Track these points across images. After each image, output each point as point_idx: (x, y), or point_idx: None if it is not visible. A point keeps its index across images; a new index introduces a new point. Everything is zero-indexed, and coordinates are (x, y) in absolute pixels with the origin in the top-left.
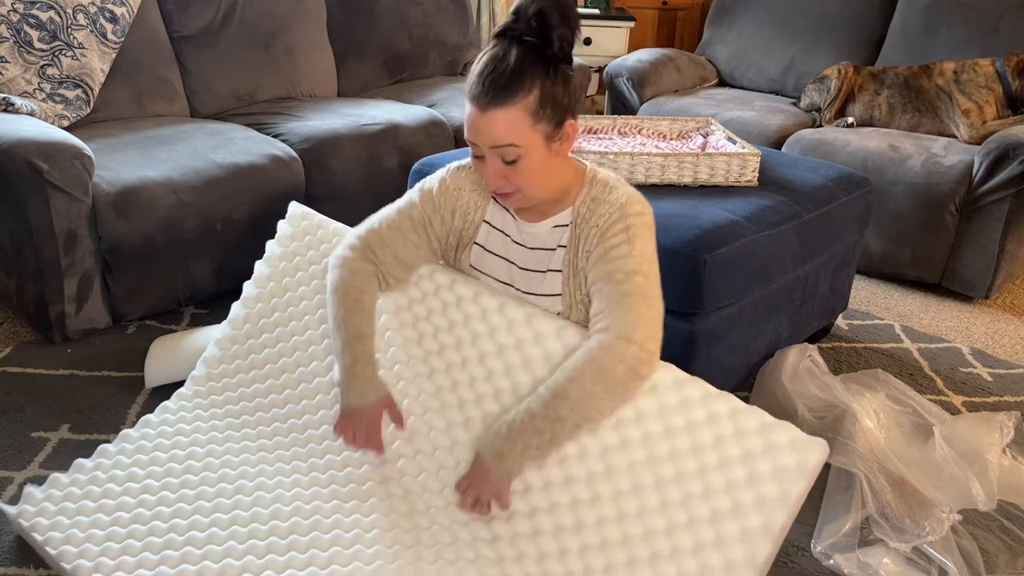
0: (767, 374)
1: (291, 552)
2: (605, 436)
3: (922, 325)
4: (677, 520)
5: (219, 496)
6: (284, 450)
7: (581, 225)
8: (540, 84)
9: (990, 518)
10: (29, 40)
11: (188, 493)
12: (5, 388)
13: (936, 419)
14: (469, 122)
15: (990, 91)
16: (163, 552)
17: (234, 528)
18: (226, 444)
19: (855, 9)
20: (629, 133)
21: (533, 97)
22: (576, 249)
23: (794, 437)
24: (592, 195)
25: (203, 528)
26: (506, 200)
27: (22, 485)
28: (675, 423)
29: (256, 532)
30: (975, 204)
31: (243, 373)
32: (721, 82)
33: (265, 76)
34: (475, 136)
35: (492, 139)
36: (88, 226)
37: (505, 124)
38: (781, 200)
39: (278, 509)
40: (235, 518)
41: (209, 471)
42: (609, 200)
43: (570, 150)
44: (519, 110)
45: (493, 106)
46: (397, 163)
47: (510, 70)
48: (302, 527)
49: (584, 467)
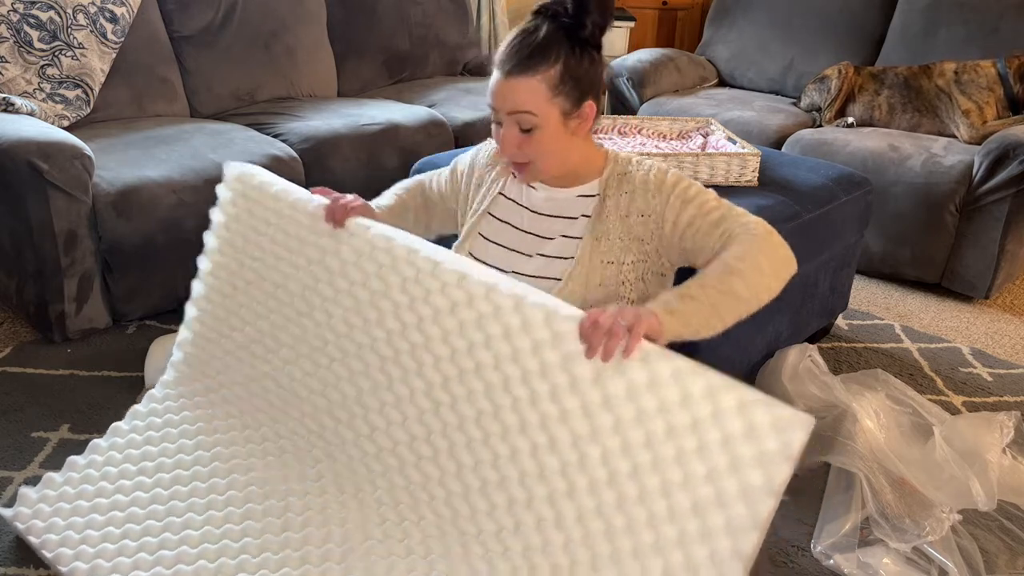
0: (767, 374)
1: (286, 550)
2: (576, 425)
3: (922, 325)
4: (658, 510)
5: (212, 492)
6: (272, 442)
7: (613, 195)
8: (564, 60)
9: (990, 518)
10: (29, 40)
11: (181, 489)
12: (5, 388)
13: (936, 419)
14: (492, 87)
15: (991, 92)
16: (159, 552)
17: (227, 527)
18: (215, 436)
19: (855, 9)
20: (629, 133)
21: (555, 71)
22: (606, 214)
23: (776, 416)
24: (619, 170)
25: (198, 527)
26: (519, 171)
27: (22, 485)
28: (647, 406)
29: (249, 529)
30: (975, 204)
31: (217, 359)
32: (721, 82)
33: (265, 76)
34: (495, 101)
35: (511, 105)
36: (88, 226)
37: (525, 92)
38: (781, 200)
39: (271, 505)
40: (228, 515)
41: (200, 464)
42: (642, 169)
43: (588, 129)
44: (540, 80)
45: (515, 73)
46: (397, 163)
47: (538, 42)
48: (295, 522)
49: (558, 458)
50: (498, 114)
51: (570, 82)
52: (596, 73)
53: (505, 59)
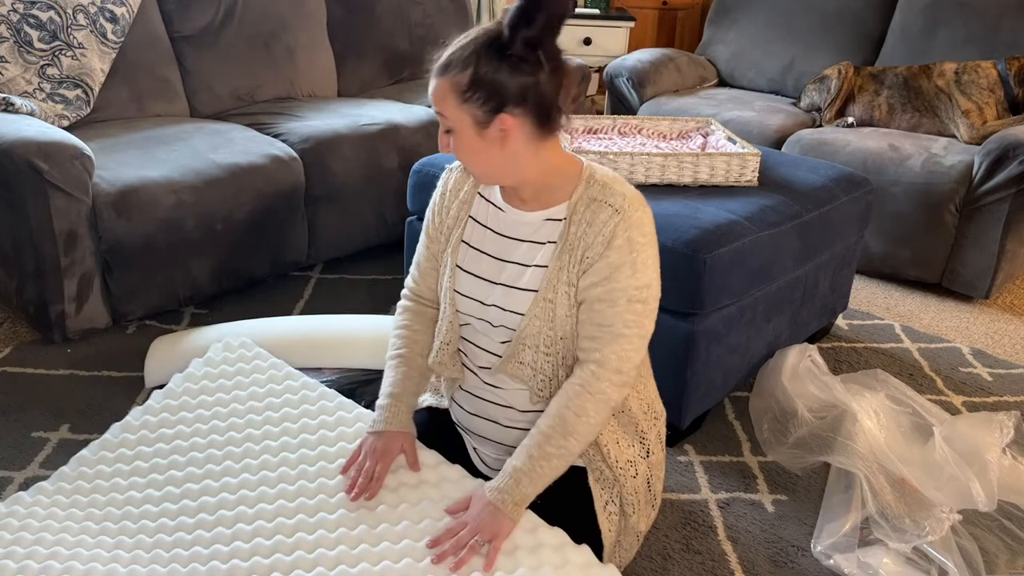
0: (767, 374)
1: (276, 554)
2: None
3: (922, 325)
4: None
5: (204, 493)
6: (269, 453)
7: (578, 223)
8: (477, 67)
9: (990, 518)
10: (29, 40)
11: (174, 491)
12: (5, 388)
13: (936, 419)
14: None
15: (991, 94)
16: (150, 567)
17: (219, 529)
18: (208, 451)
19: (855, 9)
20: (629, 133)
21: (465, 76)
22: (570, 247)
23: None
24: (590, 195)
25: (187, 546)
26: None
27: (22, 485)
28: None
29: (240, 533)
30: (975, 204)
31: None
32: (721, 82)
33: (265, 76)
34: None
35: (434, 102)
36: (88, 226)
37: (438, 93)
38: (781, 200)
39: (262, 509)
40: (220, 518)
41: (194, 465)
42: (610, 203)
43: (515, 146)
44: (448, 84)
45: (435, 73)
46: (397, 163)
47: (460, 46)
48: (286, 527)
49: None
50: None
51: (482, 90)
52: (519, 84)
53: (437, 58)
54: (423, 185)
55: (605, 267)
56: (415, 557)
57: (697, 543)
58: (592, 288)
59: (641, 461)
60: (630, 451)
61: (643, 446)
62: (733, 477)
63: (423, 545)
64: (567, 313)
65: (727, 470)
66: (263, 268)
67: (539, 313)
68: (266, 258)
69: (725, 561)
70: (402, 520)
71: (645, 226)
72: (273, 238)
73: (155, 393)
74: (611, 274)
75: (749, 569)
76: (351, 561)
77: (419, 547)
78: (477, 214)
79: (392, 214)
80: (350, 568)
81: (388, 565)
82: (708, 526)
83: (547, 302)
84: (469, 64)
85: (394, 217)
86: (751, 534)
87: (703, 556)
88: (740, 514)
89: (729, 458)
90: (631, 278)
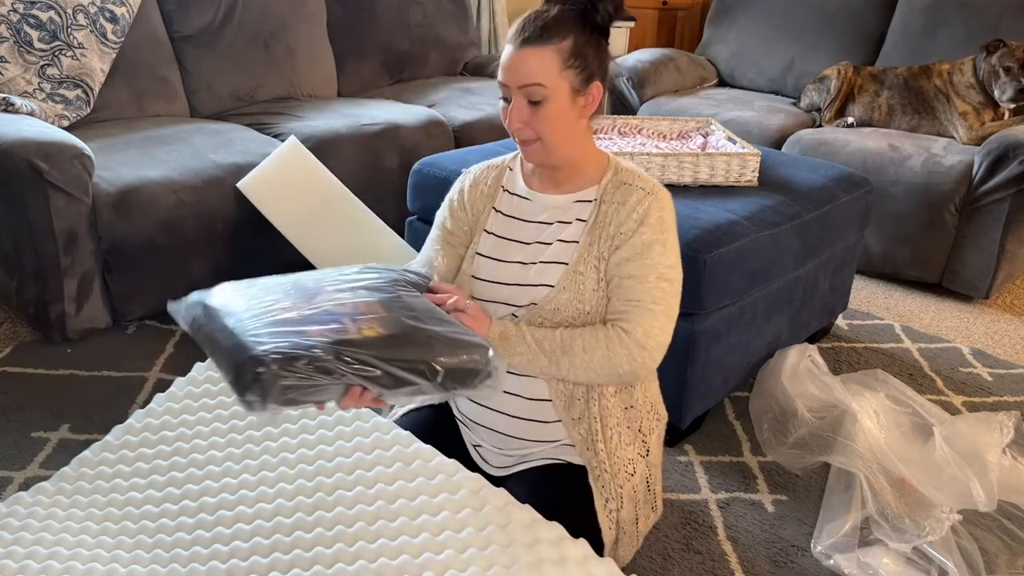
0: (767, 374)
1: (275, 553)
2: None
3: (922, 325)
4: None
5: (204, 494)
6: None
7: (609, 203)
8: (575, 37)
9: (990, 518)
10: (29, 40)
11: (174, 491)
12: (5, 388)
13: (936, 419)
14: (503, 62)
15: (980, 92)
16: (150, 567)
17: (218, 529)
18: (208, 452)
19: (855, 9)
20: (629, 133)
21: (567, 44)
22: (601, 223)
23: None
24: (619, 179)
25: (186, 546)
26: (527, 150)
27: (22, 485)
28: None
29: (240, 533)
30: (975, 204)
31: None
32: (721, 82)
33: (265, 76)
34: (506, 75)
35: (522, 77)
36: (88, 226)
37: (537, 61)
38: (781, 200)
39: (262, 508)
40: (220, 518)
41: (195, 466)
42: (641, 186)
43: (593, 113)
44: (551, 52)
45: (528, 43)
46: (397, 163)
47: (551, 18)
48: (285, 526)
49: None
50: (508, 89)
51: (580, 58)
52: (603, 59)
53: (518, 32)
54: (423, 185)
55: (639, 243)
56: (412, 554)
57: (697, 543)
58: (624, 264)
59: (640, 460)
60: (630, 449)
61: (644, 445)
62: (733, 477)
63: (420, 542)
64: (594, 288)
65: (727, 470)
66: (263, 268)
67: (568, 284)
68: (266, 258)
69: (725, 561)
70: (399, 517)
71: (672, 212)
72: (273, 238)
73: (157, 396)
74: (644, 250)
75: (749, 569)
76: (348, 559)
77: (416, 544)
78: (501, 206)
79: (392, 214)
80: (347, 566)
81: (385, 563)
82: (708, 526)
83: (577, 274)
84: (571, 32)
85: (394, 217)
86: (751, 534)
87: (703, 556)
88: (740, 514)
89: (729, 458)
90: (662, 256)
